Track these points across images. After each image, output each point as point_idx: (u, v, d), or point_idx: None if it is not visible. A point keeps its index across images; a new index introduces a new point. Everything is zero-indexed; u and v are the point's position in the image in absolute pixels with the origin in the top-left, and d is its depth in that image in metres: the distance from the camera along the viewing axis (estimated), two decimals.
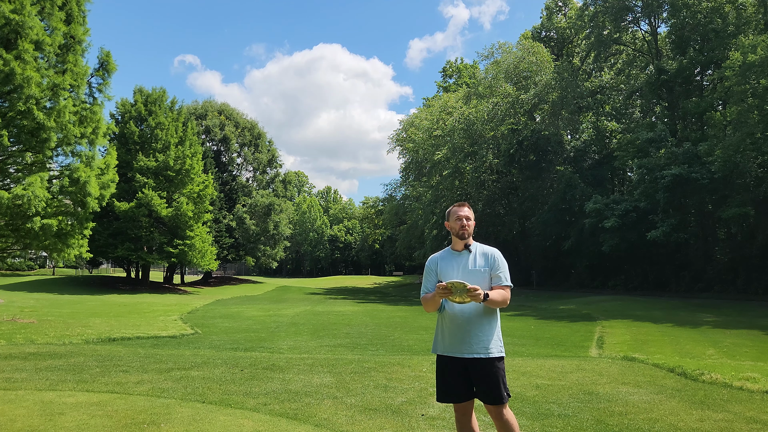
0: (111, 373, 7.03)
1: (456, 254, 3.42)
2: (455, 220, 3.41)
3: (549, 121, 38.15)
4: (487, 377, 3.24)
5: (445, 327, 3.36)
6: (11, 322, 13.53)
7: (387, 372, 7.33)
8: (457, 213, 3.42)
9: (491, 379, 3.24)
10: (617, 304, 23.86)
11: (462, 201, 3.43)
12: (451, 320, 3.32)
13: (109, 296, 27.89)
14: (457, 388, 3.31)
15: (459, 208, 3.44)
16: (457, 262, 3.38)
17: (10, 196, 12.96)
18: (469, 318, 3.27)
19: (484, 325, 3.29)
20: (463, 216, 3.40)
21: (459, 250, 3.42)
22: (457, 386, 3.30)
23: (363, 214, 67.15)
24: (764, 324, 15.75)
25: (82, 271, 52.93)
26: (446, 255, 3.47)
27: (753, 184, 27.21)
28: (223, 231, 44.15)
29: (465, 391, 3.31)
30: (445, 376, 3.35)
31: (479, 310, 3.27)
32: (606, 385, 6.70)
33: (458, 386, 3.30)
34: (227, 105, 51.53)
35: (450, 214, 3.47)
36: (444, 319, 3.38)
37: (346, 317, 18.05)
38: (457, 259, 3.39)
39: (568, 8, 45.45)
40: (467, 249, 3.39)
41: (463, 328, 3.27)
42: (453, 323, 3.31)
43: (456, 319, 3.29)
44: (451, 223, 3.45)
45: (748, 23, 28.66)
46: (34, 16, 13.49)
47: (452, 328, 3.31)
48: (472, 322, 3.27)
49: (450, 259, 3.41)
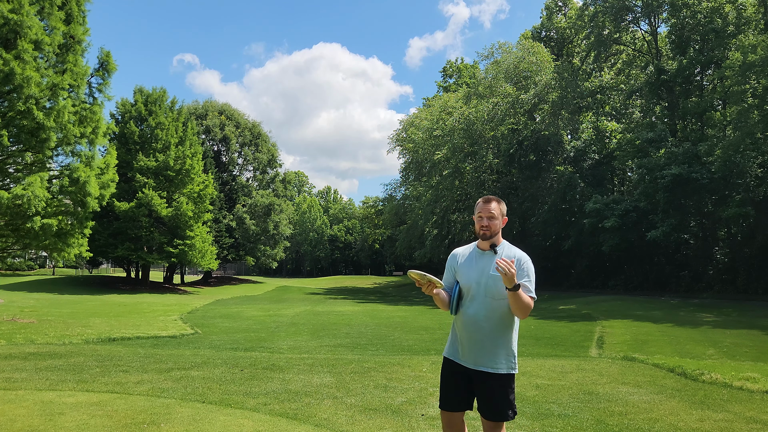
0: (111, 373, 7.02)
1: (480, 254, 3.05)
2: (477, 217, 3.04)
3: (549, 121, 38.14)
4: (490, 392, 2.95)
5: (458, 332, 3.07)
6: (11, 322, 13.53)
7: (387, 372, 7.33)
8: (479, 209, 3.04)
9: (495, 395, 2.95)
10: (617, 304, 23.85)
11: (490, 196, 3.11)
12: (463, 326, 3.01)
13: (109, 296, 27.89)
14: (455, 396, 3.04)
15: (483, 204, 3.04)
16: (480, 263, 3.01)
17: (10, 196, 12.96)
18: (481, 327, 2.94)
19: (498, 337, 2.95)
20: (485, 215, 2.99)
21: (484, 249, 3.06)
22: (457, 394, 3.04)
23: (363, 214, 67.10)
24: (764, 324, 15.75)
25: (82, 271, 52.94)
26: (470, 253, 3.10)
27: (753, 184, 27.21)
28: (223, 231, 44.16)
29: (462, 403, 3.04)
30: (447, 381, 3.10)
31: (495, 318, 2.95)
32: (606, 385, 6.70)
33: (459, 394, 3.04)
34: (228, 105, 51.60)
35: (475, 208, 3.10)
36: (457, 323, 3.08)
37: (346, 317, 18.05)
38: (480, 259, 3.02)
39: (568, 8, 45.45)
40: (493, 250, 3.02)
41: (474, 338, 2.96)
42: (464, 330, 2.99)
43: (468, 326, 2.97)
44: (475, 218, 3.07)
45: (748, 23, 28.67)
46: (33, 16, 13.49)
47: (463, 335, 3.01)
48: (485, 332, 2.94)
49: (472, 258, 3.06)
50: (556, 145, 38.12)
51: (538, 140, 37.58)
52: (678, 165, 26.35)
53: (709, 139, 28.97)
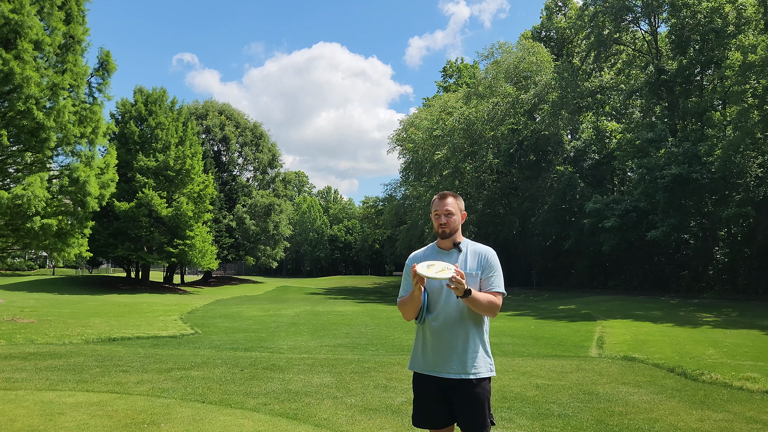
0: (111, 373, 7.02)
1: (443, 253, 2.85)
2: (434, 215, 2.85)
3: (549, 121, 38.15)
4: (471, 401, 2.71)
5: (426, 341, 2.80)
6: (11, 322, 13.53)
7: (387, 372, 7.33)
8: (435, 207, 2.85)
9: (475, 403, 2.71)
10: (617, 304, 23.85)
11: (446, 191, 2.90)
12: (432, 333, 2.76)
13: (109, 296, 27.89)
14: (436, 412, 2.77)
15: (439, 201, 2.85)
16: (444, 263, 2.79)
17: (10, 196, 12.96)
18: (454, 330, 2.73)
19: (471, 340, 2.74)
20: (442, 211, 2.81)
21: (446, 248, 2.86)
22: (437, 409, 2.77)
23: (363, 214, 67.11)
24: (764, 324, 15.75)
25: (82, 271, 52.93)
26: (431, 253, 2.89)
27: (753, 184, 27.22)
28: (223, 231, 44.17)
29: (445, 416, 2.77)
30: (423, 397, 2.81)
31: (466, 321, 2.74)
32: (606, 385, 6.70)
33: (438, 409, 2.77)
34: (228, 105, 51.60)
35: (431, 206, 2.90)
36: (424, 331, 2.82)
37: (346, 317, 18.05)
38: (443, 258, 2.80)
39: (568, 8, 45.48)
40: (456, 247, 2.83)
41: (447, 343, 2.73)
42: (435, 336, 2.75)
43: (439, 331, 2.74)
44: (432, 217, 2.89)
45: (748, 23, 28.67)
46: (34, 16, 13.49)
47: (434, 342, 2.76)
48: (458, 336, 2.73)
49: (435, 258, 2.83)
50: (556, 145, 38.13)
51: (538, 140, 37.59)
52: (678, 165, 26.36)
53: (709, 139, 28.97)
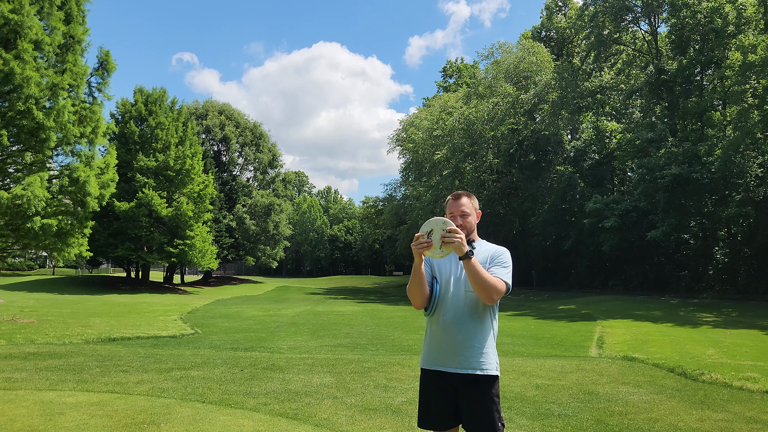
0: (111, 373, 7.02)
1: None
2: (449, 216, 2.80)
3: (549, 121, 38.16)
4: (479, 401, 2.62)
5: (434, 335, 2.75)
6: (11, 322, 13.53)
7: (387, 372, 7.33)
8: (450, 208, 2.82)
9: (483, 404, 2.62)
10: (617, 304, 23.86)
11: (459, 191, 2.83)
12: (440, 326, 2.70)
13: (109, 296, 27.89)
14: (441, 411, 2.69)
15: (453, 201, 2.82)
16: (458, 259, 2.72)
17: (10, 196, 12.96)
18: (462, 324, 2.67)
19: (480, 334, 2.68)
20: (458, 212, 2.77)
21: None
22: (441, 408, 2.69)
23: (363, 214, 67.07)
24: (764, 324, 15.75)
25: (82, 271, 52.90)
26: None
27: (753, 184, 27.23)
28: (223, 231, 44.17)
29: (450, 416, 2.69)
30: (428, 396, 2.74)
31: (474, 316, 2.68)
32: (606, 385, 6.70)
33: (443, 408, 2.69)
34: (228, 105, 51.61)
35: (445, 207, 2.88)
36: (432, 325, 2.77)
37: (346, 317, 18.05)
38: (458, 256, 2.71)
39: (568, 8, 45.47)
40: (470, 246, 2.77)
41: (455, 337, 2.66)
42: (443, 330, 2.69)
43: (447, 325, 2.68)
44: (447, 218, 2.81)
45: (748, 23, 28.67)
46: (33, 16, 13.49)
47: (441, 336, 2.70)
48: (467, 330, 2.66)
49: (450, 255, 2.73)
50: (556, 145, 38.12)
51: (538, 140, 37.58)
52: (678, 165, 26.36)
53: (709, 139, 28.97)
